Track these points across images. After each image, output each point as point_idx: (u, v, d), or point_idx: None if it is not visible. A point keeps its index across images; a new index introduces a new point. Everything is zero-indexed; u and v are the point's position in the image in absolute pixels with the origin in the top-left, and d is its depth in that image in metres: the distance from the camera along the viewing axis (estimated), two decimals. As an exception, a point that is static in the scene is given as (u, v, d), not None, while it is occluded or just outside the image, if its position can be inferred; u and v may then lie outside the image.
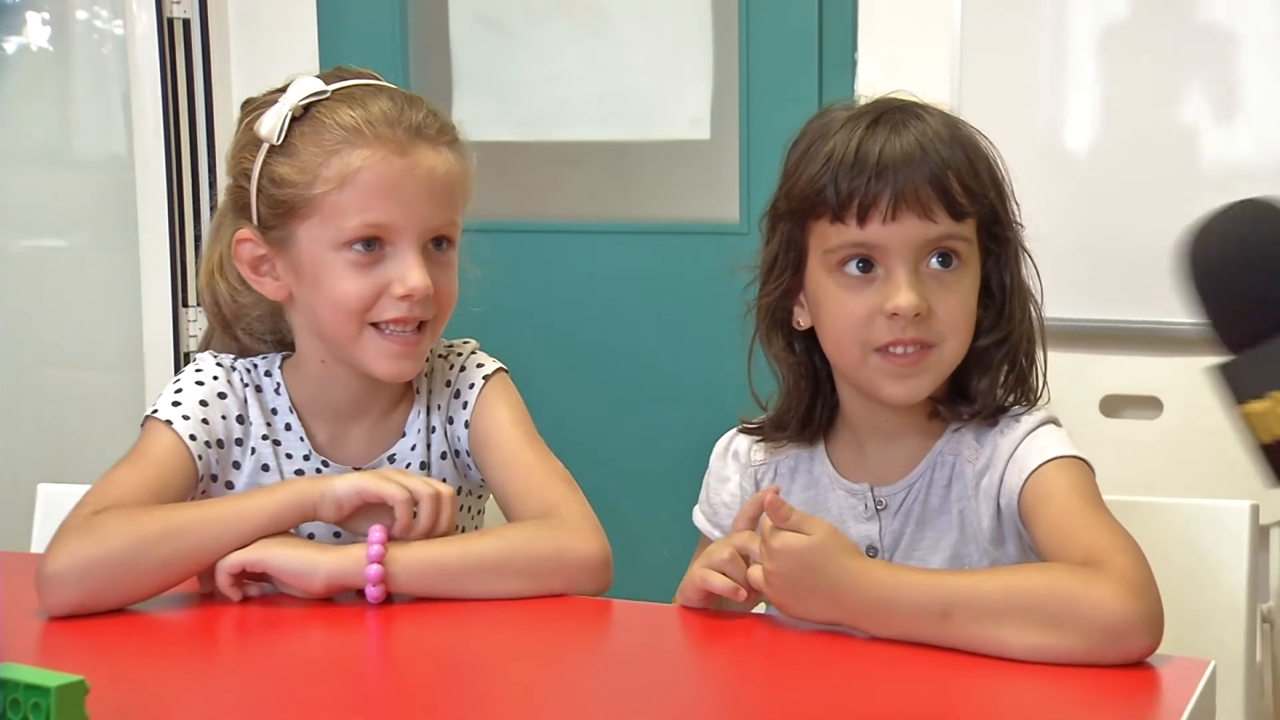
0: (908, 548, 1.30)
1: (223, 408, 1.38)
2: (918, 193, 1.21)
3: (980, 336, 1.27)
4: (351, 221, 1.30)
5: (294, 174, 1.31)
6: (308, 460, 1.39)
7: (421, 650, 1.19)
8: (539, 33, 2.94)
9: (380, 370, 1.34)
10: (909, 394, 1.25)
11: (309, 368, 1.39)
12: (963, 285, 1.25)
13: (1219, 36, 2.36)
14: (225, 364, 1.41)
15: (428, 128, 1.33)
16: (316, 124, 1.32)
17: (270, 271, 1.36)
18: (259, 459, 1.39)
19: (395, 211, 1.30)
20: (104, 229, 3.07)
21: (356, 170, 1.30)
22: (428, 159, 1.32)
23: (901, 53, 2.55)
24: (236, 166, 1.37)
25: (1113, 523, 1.17)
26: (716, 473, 1.41)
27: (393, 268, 1.31)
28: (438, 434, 1.41)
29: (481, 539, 1.29)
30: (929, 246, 1.23)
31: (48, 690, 0.89)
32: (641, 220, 2.89)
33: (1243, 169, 2.37)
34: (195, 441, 1.34)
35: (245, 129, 1.37)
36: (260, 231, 1.35)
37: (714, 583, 1.21)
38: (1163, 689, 1.04)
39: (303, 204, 1.31)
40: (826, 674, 1.10)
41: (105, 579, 1.22)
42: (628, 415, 2.83)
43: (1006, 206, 1.28)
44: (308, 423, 1.40)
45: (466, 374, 1.42)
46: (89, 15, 3.09)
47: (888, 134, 1.23)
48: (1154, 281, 2.40)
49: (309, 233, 1.32)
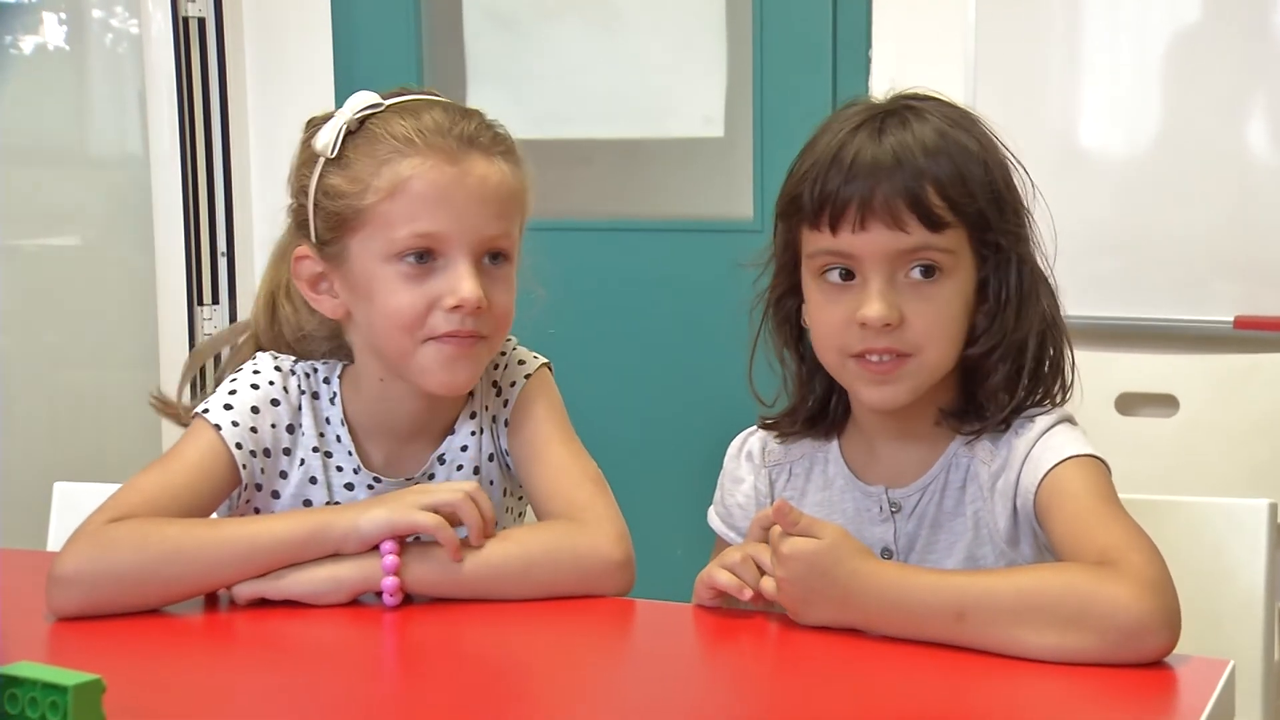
0: (923, 550, 1.29)
1: (274, 415, 1.36)
2: (887, 203, 1.20)
3: (974, 344, 1.26)
4: (401, 231, 1.29)
5: (346, 185, 1.30)
6: (358, 474, 1.38)
7: (440, 649, 1.19)
8: (552, 30, 2.94)
9: (434, 382, 1.31)
10: (885, 400, 1.25)
11: (368, 386, 1.37)
12: (942, 296, 1.23)
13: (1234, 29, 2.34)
14: (284, 367, 1.39)
15: (480, 137, 1.31)
16: (370, 136, 1.31)
17: (328, 290, 1.35)
18: (307, 471, 1.37)
19: (446, 220, 1.29)
20: (119, 228, 3.08)
21: (407, 179, 1.29)
22: (479, 168, 1.30)
23: (916, 49, 2.55)
24: (296, 184, 1.36)
25: (1129, 521, 1.16)
26: (731, 474, 1.41)
27: (444, 279, 1.29)
28: (485, 435, 1.40)
29: (501, 545, 1.27)
30: (905, 257, 1.22)
31: (65, 689, 0.89)
32: (655, 218, 2.89)
33: (1258, 164, 2.36)
34: (241, 450, 1.33)
35: (304, 146, 1.36)
36: (318, 248, 1.34)
37: (720, 579, 1.21)
38: (1181, 689, 1.04)
39: (355, 215, 1.30)
40: (843, 674, 1.10)
41: (110, 590, 1.22)
42: (642, 414, 2.83)
43: (1004, 214, 1.25)
44: (362, 440, 1.38)
45: (509, 372, 1.42)
46: (104, 14, 3.10)
47: (867, 140, 1.22)
48: (1170, 279, 2.40)
49: (361, 245, 1.31)
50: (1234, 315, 2.36)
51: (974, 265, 1.25)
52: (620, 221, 2.88)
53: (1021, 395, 1.27)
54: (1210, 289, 2.37)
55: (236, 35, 2.99)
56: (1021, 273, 1.26)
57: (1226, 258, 2.36)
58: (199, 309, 2.97)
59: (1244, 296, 2.36)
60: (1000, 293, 1.26)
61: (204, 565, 1.24)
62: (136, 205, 2.98)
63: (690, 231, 2.82)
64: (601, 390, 2.81)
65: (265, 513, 1.37)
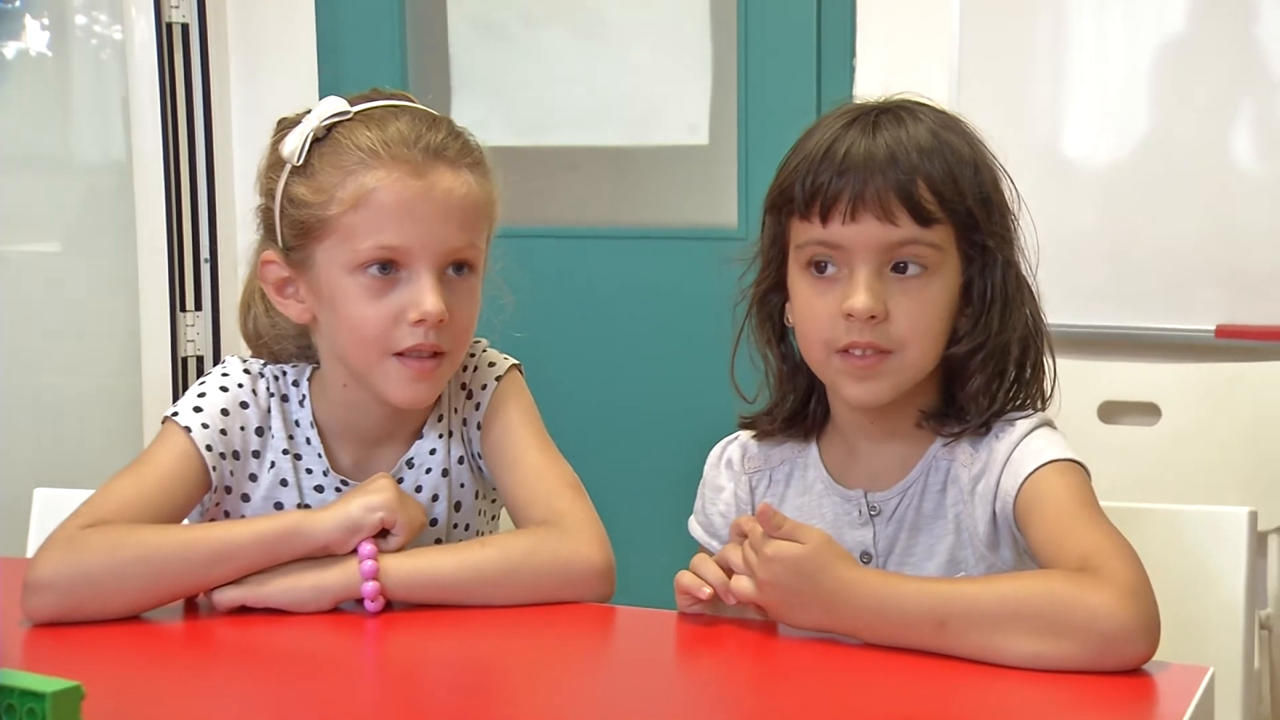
0: (902, 553, 1.29)
1: (243, 418, 1.36)
2: (879, 195, 1.21)
3: (956, 344, 1.27)
4: (365, 243, 1.28)
5: (311, 195, 1.30)
6: (327, 476, 1.38)
7: (422, 655, 1.18)
8: (537, 37, 2.94)
9: (396, 397, 1.32)
10: (867, 396, 1.25)
11: (333, 391, 1.38)
12: (928, 293, 1.24)
13: (1218, 38, 2.35)
14: (253, 370, 1.39)
15: (447, 149, 1.31)
16: (335, 145, 1.31)
17: (294, 294, 1.35)
18: (278, 473, 1.37)
19: (410, 234, 1.28)
20: (102, 234, 3.07)
21: (371, 191, 1.28)
22: (445, 180, 1.30)
23: (900, 57, 2.55)
24: (264, 186, 1.36)
25: (1109, 527, 1.16)
26: (711, 482, 1.41)
27: (407, 292, 1.29)
28: (455, 438, 1.40)
29: (481, 549, 1.28)
30: (892, 250, 1.23)
31: (43, 696, 0.89)
32: (639, 225, 2.89)
33: (1241, 173, 2.37)
34: (211, 452, 1.33)
35: (273, 148, 1.35)
36: (284, 253, 1.34)
37: (682, 580, 1.22)
38: (1161, 696, 1.04)
39: (319, 225, 1.30)
40: (824, 681, 1.10)
41: (85, 594, 1.22)
42: (625, 421, 2.83)
43: (991, 216, 1.26)
44: (331, 444, 1.38)
45: (480, 374, 1.41)
46: (88, 20, 3.09)
47: (861, 134, 1.23)
48: (1153, 287, 2.41)
49: (326, 255, 1.31)
50: (1215, 324, 2.37)
51: (960, 266, 1.26)
52: (605, 229, 2.88)
53: (1002, 399, 1.27)
54: (1193, 298, 2.38)
55: (220, 42, 2.99)
56: (1006, 276, 1.27)
57: (1209, 266, 2.37)
58: (181, 315, 2.97)
59: (1226, 305, 2.37)
60: (985, 294, 1.26)
61: (177, 569, 1.23)
62: (119, 211, 2.97)
63: (675, 239, 2.82)
64: (585, 397, 2.81)
65: (236, 516, 1.37)
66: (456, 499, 1.40)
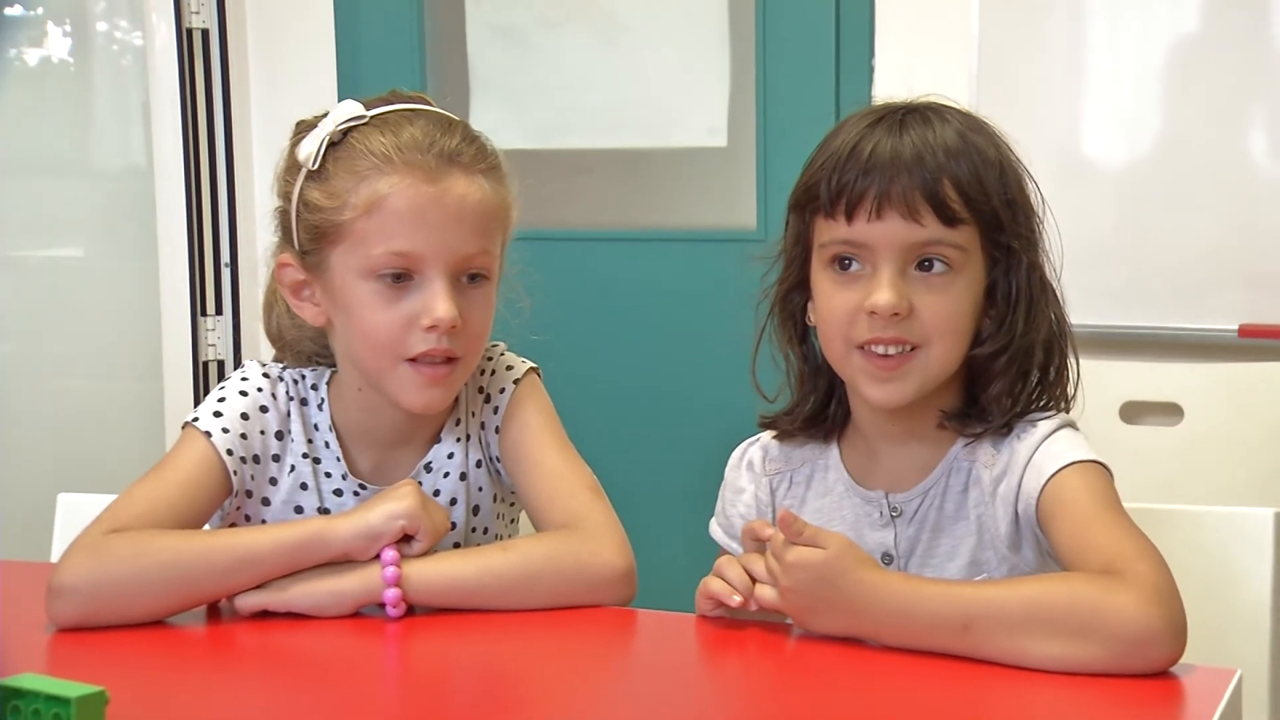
0: (924, 555, 1.29)
1: (263, 422, 1.37)
2: (905, 194, 1.21)
3: (980, 345, 1.26)
4: (378, 249, 1.28)
5: (325, 199, 1.30)
6: (345, 480, 1.38)
7: (443, 660, 1.18)
8: (555, 41, 2.95)
9: (408, 402, 1.32)
10: (889, 397, 1.24)
11: (350, 395, 1.38)
12: (953, 291, 1.24)
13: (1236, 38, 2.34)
14: (272, 374, 1.40)
15: (461, 154, 1.30)
16: (349, 150, 1.31)
17: (310, 297, 1.35)
18: (298, 477, 1.37)
19: (422, 240, 1.28)
20: (123, 239, 3.08)
21: (384, 197, 1.28)
22: (459, 186, 1.30)
23: (919, 59, 2.55)
24: (281, 190, 1.36)
25: (1133, 529, 1.16)
26: (731, 484, 1.40)
27: (420, 298, 1.29)
28: (473, 441, 1.40)
29: (503, 554, 1.28)
30: (916, 250, 1.22)
31: (68, 701, 0.89)
32: (658, 228, 2.89)
33: (1262, 172, 2.35)
34: (232, 456, 1.33)
35: (290, 152, 1.35)
36: (299, 256, 1.34)
37: (711, 586, 1.21)
38: (1188, 699, 1.04)
39: (333, 230, 1.30)
40: (847, 685, 1.10)
41: (108, 600, 1.22)
42: (644, 424, 2.83)
43: (1017, 218, 1.26)
44: (350, 447, 1.39)
45: (497, 378, 1.41)
46: (109, 26, 3.11)
47: (887, 134, 1.23)
48: (1174, 287, 2.40)
49: (340, 259, 1.31)
50: (1238, 324, 2.36)
51: (984, 267, 1.26)
52: (624, 232, 2.89)
53: (1025, 401, 1.27)
54: (1214, 298, 2.37)
55: (240, 47, 3.00)
56: (1031, 278, 1.27)
57: (1230, 266, 2.36)
58: (202, 319, 2.97)
59: (1248, 305, 2.36)
60: (1009, 296, 1.26)
61: (200, 574, 1.24)
62: (140, 216, 2.98)
63: (694, 241, 2.82)
64: (605, 400, 2.81)
65: (256, 520, 1.37)
66: (475, 503, 1.40)
